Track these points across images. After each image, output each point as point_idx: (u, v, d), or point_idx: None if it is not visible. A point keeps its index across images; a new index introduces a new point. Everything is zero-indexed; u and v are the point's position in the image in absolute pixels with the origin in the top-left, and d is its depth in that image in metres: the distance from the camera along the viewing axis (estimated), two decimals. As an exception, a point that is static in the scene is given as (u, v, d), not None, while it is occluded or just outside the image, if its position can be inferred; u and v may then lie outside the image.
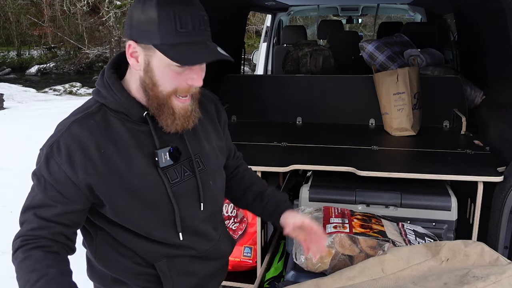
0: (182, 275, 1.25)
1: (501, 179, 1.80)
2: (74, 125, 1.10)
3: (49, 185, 1.08)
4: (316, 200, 2.05)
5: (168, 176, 1.17)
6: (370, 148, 2.30)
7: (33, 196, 1.10)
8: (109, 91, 1.13)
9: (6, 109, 10.59)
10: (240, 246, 2.30)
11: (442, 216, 1.95)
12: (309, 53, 3.71)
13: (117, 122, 1.14)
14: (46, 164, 1.09)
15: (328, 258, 1.59)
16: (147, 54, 1.07)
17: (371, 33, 12.34)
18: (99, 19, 17.36)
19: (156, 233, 1.18)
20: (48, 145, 1.10)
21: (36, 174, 1.10)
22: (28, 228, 1.08)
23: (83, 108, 1.16)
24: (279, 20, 5.53)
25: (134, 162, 1.13)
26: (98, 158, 1.10)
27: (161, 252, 1.21)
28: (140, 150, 1.14)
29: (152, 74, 1.09)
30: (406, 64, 3.01)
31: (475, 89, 2.72)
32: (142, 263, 1.21)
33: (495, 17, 2.08)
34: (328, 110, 2.90)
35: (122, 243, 1.20)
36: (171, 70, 1.07)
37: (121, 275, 1.22)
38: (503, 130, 2.15)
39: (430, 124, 2.76)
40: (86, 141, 1.09)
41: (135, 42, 1.07)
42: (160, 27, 1.03)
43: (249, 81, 3.22)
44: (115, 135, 1.13)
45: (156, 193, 1.16)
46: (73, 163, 1.08)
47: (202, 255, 1.28)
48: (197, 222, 1.24)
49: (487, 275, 1.39)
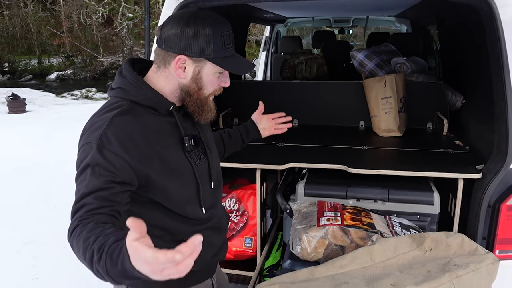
0: (205, 247, 1.28)
1: (479, 176, 1.80)
2: (116, 119, 1.14)
3: (105, 170, 1.08)
4: (311, 195, 2.05)
5: (192, 158, 1.28)
6: (360, 148, 2.30)
7: (85, 185, 1.08)
8: (139, 90, 1.21)
9: (28, 112, 10.60)
10: (241, 237, 2.30)
11: (426, 210, 1.95)
12: (304, 61, 3.71)
13: (149, 115, 1.21)
14: (100, 153, 1.09)
15: (322, 248, 1.60)
16: (198, 65, 1.20)
17: (361, 43, 12.35)
18: (112, 30, 17.38)
19: (188, 209, 1.27)
20: (95, 138, 1.11)
21: (89, 165, 1.08)
22: (86, 210, 1.04)
23: (114, 106, 1.19)
24: (277, 31, 5.53)
25: (169, 147, 1.22)
26: (143, 145, 1.15)
27: (190, 228, 1.28)
28: (170, 138, 1.24)
29: (200, 81, 1.22)
30: (393, 71, 3.02)
31: (455, 94, 2.72)
32: (171, 241, 1.25)
33: (474, 28, 2.09)
34: (322, 113, 2.90)
35: (154, 224, 1.22)
36: (214, 77, 1.24)
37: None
38: (481, 132, 2.15)
39: (415, 126, 2.76)
40: (130, 130, 1.14)
41: (186, 56, 1.18)
42: (214, 44, 1.18)
43: (250, 87, 3.22)
44: (150, 125, 1.20)
45: (186, 173, 1.26)
46: (126, 149, 1.11)
47: (218, 226, 1.40)
48: (210, 197, 1.35)
49: (467, 263, 1.39)
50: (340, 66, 4.19)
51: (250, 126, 1.78)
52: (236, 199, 2.34)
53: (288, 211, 2.00)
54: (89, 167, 1.09)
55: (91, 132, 1.14)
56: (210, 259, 1.40)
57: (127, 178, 1.11)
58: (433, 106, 2.72)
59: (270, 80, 4.92)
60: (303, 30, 13.73)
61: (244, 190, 2.36)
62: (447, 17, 2.72)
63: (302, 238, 1.62)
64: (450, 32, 2.85)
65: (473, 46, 2.20)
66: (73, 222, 1.04)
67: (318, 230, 1.62)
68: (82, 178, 1.10)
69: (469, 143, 2.29)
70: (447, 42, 3.03)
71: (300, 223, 1.73)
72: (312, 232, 1.62)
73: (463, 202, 1.89)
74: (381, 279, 1.36)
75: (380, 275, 1.40)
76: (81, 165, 1.11)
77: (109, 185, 1.07)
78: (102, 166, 1.08)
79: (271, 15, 4.00)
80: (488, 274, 1.40)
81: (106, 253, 0.87)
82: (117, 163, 1.09)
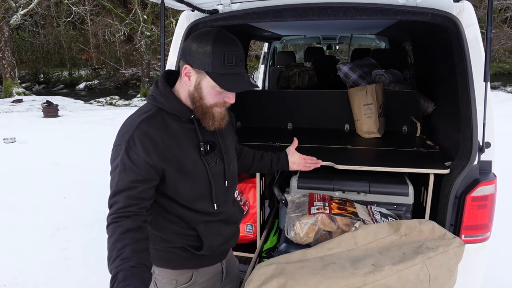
0: (214, 235, 1.33)
1: (448, 171, 1.80)
2: (142, 124, 1.16)
3: (130, 170, 1.11)
4: (303, 188, 2.04)
5: (208, 161, 1.27)
6: (345, 147, 2.30)
7: (116, 182, 1.11)
8: (166, 99, 1.22)
9: (61, 116, 10.61)
10: (243, 224, 2.30)
11: (402, 200, 1.95)
12: (297, 72, 3.71)
13: (172, 121, 1.22)
14: (127, 155, 1.12)
15: (312, 233, 1.59)
16: (199, 76, 1.18)
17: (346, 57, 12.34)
18: (133, 46, 17.36)
19: (197, 204, 1.27)
20: (125, 141, 1.14)
21: (118, 164, 1.12)
22: (117, 207, 1.08)
23: (144, 111, 1.21)
24: (274, 47, 5.52)
25: (187, 151, 1.22)
26: (164, 147, 1.16)
27: (200, 219, 1.29)
28: (189, 142, 1.24)
29: (200, 91, 1.19)
30: (374, 81, 3.01)
31: (427, 101, 2.71)
32: (185, 227, 1.29)
33: (443, 45, 2.08)
34: (312, 117, 2.89)
35: (171, 212, 1.26)
36: (214, 90, 1.19)
37: (168, 237, 1.29)
38: (449, 133, 2.15)
39: (392, 128, 2.75)
40: (153, 135, 1.15)
41: (190, 66, 1.17)
42: (213, 60, 1.14)
43: (251, 95, 3.21)
44: (172, 131, 1.20)
45: (201, 174, 1.25)
46: (148, 152, 1.13)
47: (227, 219, 1.38)
48: (223, 194, 1.34)
49: (436, 246, 1.39)
50: (328, 77, 4.18)
51: (282, 156, 1.72)
52: (239, 191, 2.33)
53: (283, 202, 2.00)
54: (118, 167, 1.12)
55: (123, 134, 1.16)
56: (218, 247, 1.37)
57: (149, 176, 1.13)
58: (408, 111, 2.72)
59: (268, 89, 4.91)
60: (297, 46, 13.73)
61: (246, 184, 2.36)
62: (420, 35, 2.72)
63: (296, 225, 1.61)
64: (422, 48, 2.84)
65: (442, 60, 2.20)
66: (109, 217, 1.09)
67: (309, 217, 1.62)
68: (114, 175, 1.13)
69: (438, 143, 2.28)
70: (420, 56, 3.03)
71: (293, 211, 1.73)
72: (304, 219, 1.62)
73: (434, 194, 1.89)
74: (363, 260, 1.36)
75: (363, 256, 1.40)
76: (114, 163, 1.14)
77: (135, 185, 1.10)
78: (128, 167, 1.11)
79: (269, 33, 3.99)
80: (455, 255, 1.39)
81: (118, 275, 0.98)
82: (140, 164, 1.12)
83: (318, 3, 1.78)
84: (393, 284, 1.25)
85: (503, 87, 14.55)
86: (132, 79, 20.38)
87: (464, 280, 1.62)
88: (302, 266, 1.35)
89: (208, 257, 1.37)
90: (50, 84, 20.88)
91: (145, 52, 15.46)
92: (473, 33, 1.73)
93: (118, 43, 18.99)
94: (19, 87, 14.68)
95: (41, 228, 3.76)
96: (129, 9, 16.71)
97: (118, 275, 0.97)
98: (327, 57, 5.40)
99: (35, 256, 3.26)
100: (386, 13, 1.72)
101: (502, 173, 2.47)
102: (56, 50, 21.74)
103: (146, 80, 15.56)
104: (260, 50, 13.54)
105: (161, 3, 1.76)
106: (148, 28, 15.18)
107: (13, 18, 14.30)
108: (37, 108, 11.65)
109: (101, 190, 4.75)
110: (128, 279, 0.96)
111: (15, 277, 2.97)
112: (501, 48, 17.82)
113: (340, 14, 1.75)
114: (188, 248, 1.30)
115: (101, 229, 3.73)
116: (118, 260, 0.99)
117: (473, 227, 1.74)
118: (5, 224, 3.90)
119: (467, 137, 1.72)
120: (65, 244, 3.46)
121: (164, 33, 1.86)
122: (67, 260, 3.19)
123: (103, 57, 20.40)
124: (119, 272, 0.97)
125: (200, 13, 2.00)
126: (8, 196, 4.65)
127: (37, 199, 4.54)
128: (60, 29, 20.17)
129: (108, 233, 1.06)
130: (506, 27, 16.99)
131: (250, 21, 1.90)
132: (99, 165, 5.76)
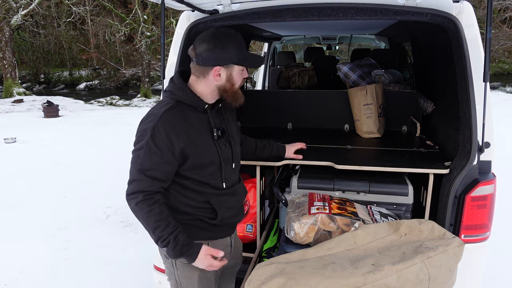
0: (225, 208, 1.54)
1: (447, 171, 1.80)
2: (165, 114, 1.37)
3: (154, 153, 1.34)
4: (303, 188, 2.04)
5: (219, 145, 1.48)
6: (345, 147, 2.30)
7: (140, 163, 1.35)
8: (183, 92, 1.43)
9: (61, 116, 10.61)
10: (243, 224, 2.30)
11: (401, 200, 1.95)
12: (297, 73, 3.71)
13: (189, 111, 1.43)
14: (153, 140, 1.33)
15: (312, 233, 1.59)
16: (229, 70, 1.41)
17: (346, 57, 12.34)
18: (133, 46, 17.36)
19: (211, 181, 1.48)
20: (150, 128, 1.34)
21: (143, 146, 1.34)
22: (143, 186, 1.34)
23: (164, 104, 1.42)
24: (274, 47, 5.52)
25: (203, 136, 1.44)
26: (184, 134, 1.37)
27: (213, 193, 1.50)
28: (204, 129, 1.45)
29: (232, 80, 1.43)
30: (373, 82, 3.01)
31: (427, 101, 2.72)
32: (200, 201, 1.49)
33: (443, 45, 2.08)
34: (312, 118, 2.89)
35: (188, 188, 1.46)
36: (240, 73, 1.45)
37: (188, 210, 1.49)
38: (448, 133, 2.15)
39: (392, 128, 2.75)
40: (175, 123, 1.37)
41: (219, 66, 1.39)
42: (236, 52, 1.40)
43: (251, 95, 3.21)
44: (190, 119, 1.41)
45: (214, 156, 1.46)
46: (170, 138, 1.35)
47: (235, 191, 1.58)
48: (230, 174, 1.55)
49: (436, 246, 1.39)
50: (328, 77, 4.18)
51: (281, 152, 2.01)
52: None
53: (283, 202, 2.00)
54: (143, 149, 1.34)
55: (148, 122, 1.37)
56: (229, 220, 1.57)
57: (169, 160, 1.36)
58: (408, 111, 2.72)
59: (268, 89, 4.91)
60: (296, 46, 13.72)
61: (246, 184, 2.36)
62: (420, 35, 2.72)
63: (295, 225, 1.62)
64: (422, 48, 2.84)
65: (442, 60, 2.20)
66: (137, 194, 1.35)
67: (309, 217, 1.62)
68: (138, 155, 1.35)
69: (438, 143, 2.28)
70: (419, 56, 3.03)
71: (293, 211, 1.73)
72: (304, 219, 1.62)
73: (433, 194, 1.89)
74: (363, 260, 1.36)
75: (362, 256, 1.40)
76: (138, 144, 1.36)
77: (157, 166, 1.35)
78: (153, 150, 1.33)
79: (269, 34, 3.99)
80: (455, 255, 1.39)
81: (176, 239, 1.37)
82: (163, 149, 1.34)
83: (318, 4, 1.78)
84: (393, 284, 1.25)
85: (502, 87, 14.56)
86: (132, 79, 20.39)
87: (464, 280, 1.62)
88: (302, 266, 1.35)
89: (221, 228, 1.57)
90: (50, 84, 20.89)
91: (145, 52, 15.46)
92: (473, 33, 1.73)
93: (119, 43, 19.00)
94: (20, 87, 14.69)
95: (41, 228, 3.76)
96: (129, 9, 16.71)
97: (178, 237, 1.36)
98: (327, 57, 5.39)
99: (35, 256, 3.26)
100: (385, 13, 1.72)
101: (502, 173, 2.47)
102: (57, 50, 21.75)
103: (146, 80, 15.55)
104: (260, 50, 13.54)
105: (161, 4, 1.76)
106: (149, 28, 15.17)
107: (14, 18, 14.31)
108: (38, 108, 11.65)
109: (101, 190, 4.75)
110: (190, 242, 1.40)
111: (16, 276, 2.97)
112: (500, 48, 17.84)
113: (340, 15, 1.76)
114: (204, 219, 1.51)
115: (102, 229, 3.73)
116: (171, 226, 1.36)
117: (473, 227, 1.74)
118: (5, 224, 3.90)
119: (467, 137, 1.72)
120: (66, 244, 3.46)
121: (165, 33, 1.87)
122: (67, 260, 3.19)
123: (104, 57, 20.41)
124: (179, 235, 1.37)
125: (200, 13, 2.00)
126: (8, 196, 4.65)
127: (38, 199, 4.54)
128: (61, 29, 20.16)
129: (144, 207, 1.33)
130: (505, 28, 16.99)
131: (250, 21, 1.91)
132: (100, 165, 5.76)
